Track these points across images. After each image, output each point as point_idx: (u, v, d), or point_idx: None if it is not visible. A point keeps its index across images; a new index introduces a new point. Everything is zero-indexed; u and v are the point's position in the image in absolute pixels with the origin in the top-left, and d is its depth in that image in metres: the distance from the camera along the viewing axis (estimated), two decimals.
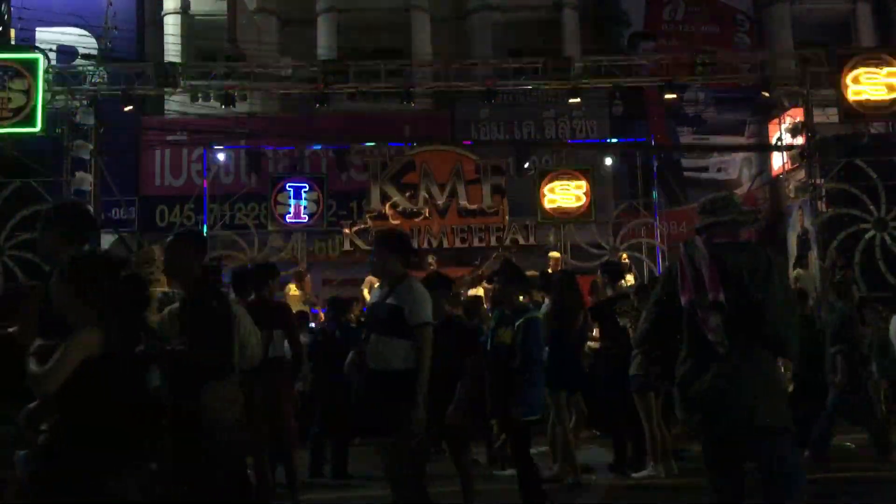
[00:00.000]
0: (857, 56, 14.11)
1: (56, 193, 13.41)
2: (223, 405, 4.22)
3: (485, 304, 10.02)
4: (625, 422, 8.14)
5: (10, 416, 3.65)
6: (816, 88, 14.47)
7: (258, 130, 17.32)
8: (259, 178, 16.26)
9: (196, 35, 19.37)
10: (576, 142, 19.06)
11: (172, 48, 18.99)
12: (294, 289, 12.85)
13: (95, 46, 18.16)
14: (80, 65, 15.81)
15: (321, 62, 14.95)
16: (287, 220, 15.23)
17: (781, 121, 15.69)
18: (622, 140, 17.99)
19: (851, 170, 13.86)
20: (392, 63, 14.86)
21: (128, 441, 3.41)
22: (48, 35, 17.61)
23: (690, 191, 18.96)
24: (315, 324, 11.15)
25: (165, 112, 18.39)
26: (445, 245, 15.16)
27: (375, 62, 14.82)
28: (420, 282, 5.30)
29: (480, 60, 15.69)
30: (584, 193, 15.30)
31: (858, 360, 8.66)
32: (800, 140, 14.67)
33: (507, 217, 15.39)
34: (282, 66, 15.26)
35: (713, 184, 19.50)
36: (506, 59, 15.97)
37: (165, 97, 16.27)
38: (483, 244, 15.25)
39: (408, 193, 15.44)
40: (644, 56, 16.02)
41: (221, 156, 15.92)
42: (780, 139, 15.77)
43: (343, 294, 11.52)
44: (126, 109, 14.09)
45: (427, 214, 15.34)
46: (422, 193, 15.38)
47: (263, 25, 18.78)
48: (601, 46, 18.81)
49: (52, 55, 14.68)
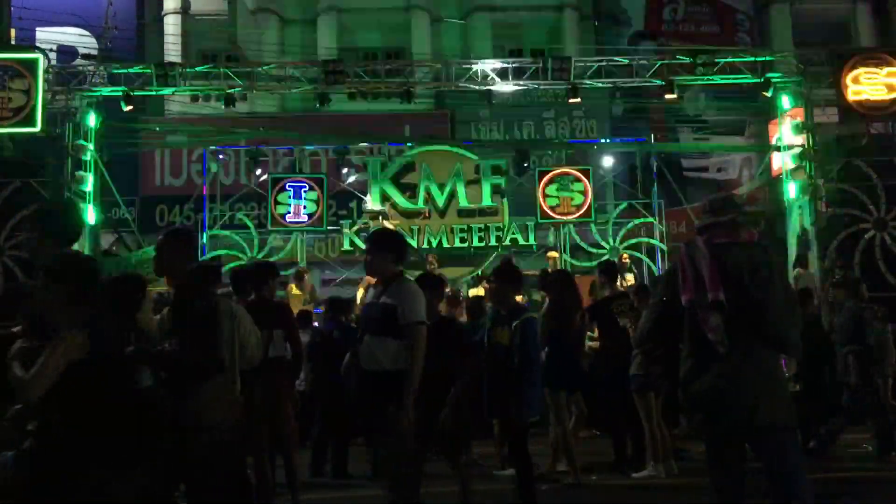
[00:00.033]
0: (857, 56, 14.09)
1: (56, 193, 13.40)
2: (211, 405, 4.21)
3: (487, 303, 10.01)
4: (625, 422, 8.14)
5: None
6: (816, 88, 14.47)
7: (258, 130, 17.33)
8: (259, 178, 16.26)
9: (196, 35, 19.39)
10: (576, 142, 19.07)
11: (172, 48, 19.02)
12: (295, 289, 12.85)
13: (95, 46, 18.20)
14: (80, 65, 15.82)
15: (321, 62, 14.93)
16: (287, 220, 15.22)
17: (781, 121, 15.68)
18: (622, 140, 18.00)
19: (851, 170, 13.85)
20: (392, 63, 14.87)
21: (116, 442, 3.41)
22: (48, 35, 17.64)
23: (690, 191, 18.95)
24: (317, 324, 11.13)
25: (165, 112, 18.40)
26: (445, 245, 15.13)
27: (375, 62, 14.83)
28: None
29: (480, 60, 15.67)
30: (584, 193, 15.30)
31: (869, 360, 8.66)
32: (800, 140, 14.66)
33: (507, 217, 15.38)
34: (282, 66, 15.26)
35: (713, 184, 19.52)
36: (506, 59, 15.96)
37: (165, 98, 16.28)
38: (483, 244, 15.23)
39: (408, 193, 15.43)
40: (644, 56, 15.98)
41: (221, 156, 15.90)
42: (780, 139, 15.76)
43: (343, 294, 11.53)
44: (126, 109, 14.09)
45: (427, 214, 15.33)
46: (422, 193, 15.37)
47: (263, 25, 18.80)
48: (601, 46, 18.82)
49: (52, 55, 14.69)
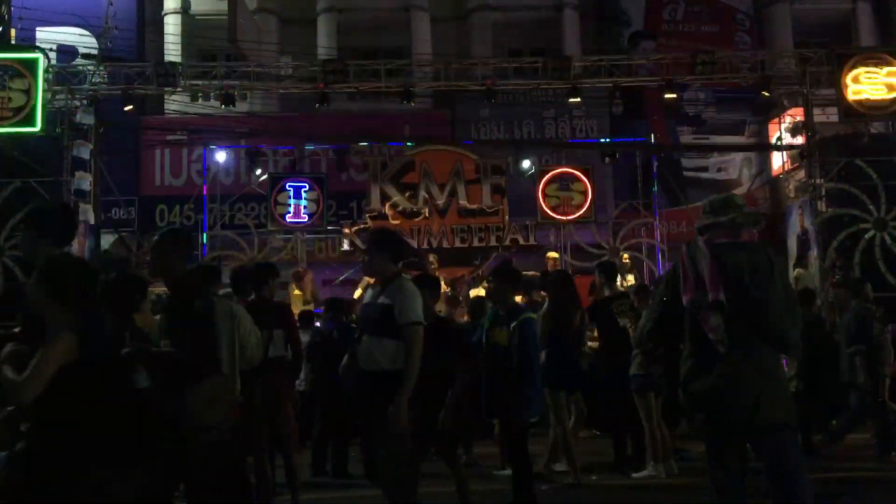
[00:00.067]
0: (857, 56, 14.08)
1: (56, 193, 13.41)
2: (209, 406, 4.21)
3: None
4: (625, 422, 8.14)
5: None
6: (816, 88, 14.47)
7: (258, 130, 17.33)
8: (259, 178, 16.26)
9: (196, 35, 19.38)
10: (576, 142, 19.06)
11: (172, 48, 19.01)
12: (295, 289, 12.86)
13: (95, 46, 18.18)
14: (80, 65, 15.80)
15: (321, 62, 14.92)
16: (287, 220, 15.22)
17: (781, 121, 15.68)
18: (622, 140, 17.99)
19: (851, 170, 13.85)
20: (392, 63, 14.85)
21: (113, 443, 3.41)
22: (48, 35, 17.62)
23: (690, 191, 18.96)
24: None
25: (165, 112, 18.40)
26: (445, 245, 15.10)
27: (375, 62, 14.82)
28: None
29: (480, 60, 15.66)
30: (584, 193, 15.30)
31: (875, 360, 8.67)
32: (800, 140, 14.66)
33: (507, 217, 15.37)
34: (282, 66, 15.25)
35: (713, 184, 19.51)
36: (506, 59, 15.98)
37: (165, 97, 16.27)
38: (483, 244, 15.19)
39: (408, 193, 15.42)
40: (644, 56, 15.99)
41: (221, 156, 15.89)
42: (780, 139, 15.76)
43: (344, 295, 11.53)
44: (126, 109, 14.08)
45: (427, 214, 15.32)
46: (422, 193, 15.35)
47: (263, 25, 18.79)
48: (601, 46, 18.82)
49: (52, 55, 14.67)
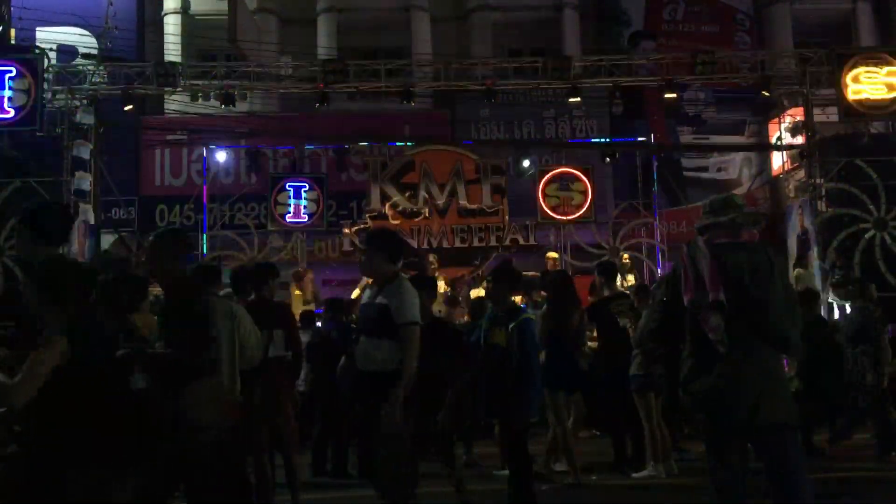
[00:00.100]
0: (857, 56, 14.08)
1: (56, 193, 13.40)
2: (205, 406, 4.21)
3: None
4: (625, 422, 8.13)
5: None
6: (816, 88, 14.47)
7: (258, 130, 17.32)
8: (259, 178, 16.26)
9: (196, 35, 19.38)
10: (576, 142, 19.06)
11: (172, 48, 19.00)
12: (295, 289, 12.85)
13: (95, 46, 18.16)
14: (80, 65, 15.80)
15: (321, 62, 14.92)
16: (287, 220, 15.22)
17: (781, 120, 15.69)
18: (622, 140, 17.98)
19: (851, 170, 13.85)
20: (392, 63, 14.85)
21: (107, 445, 3.41)
22: (48, 35, 17.61)
23: (690, 191, 18.96)
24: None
25: (165, 112, 18.40)
26: (445, 245, 15.10)
27: (375, 62, 14.82)
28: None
29: (480, 60, 15.66)
30: (584, 193, 15.30)
31: (875, 359, 8.69)
32: (800, 140, 14.66)
33: (507, 217, 15.37)
34: (282, 66, 15.25)
35: (713, 184, 19.50)
36: (506, 59, 15.98)
37: (165, 97, 16.27)
38: (483, 244, 15.20)
39: (408, 193, 15.42)
40: (644, 56, 15.99)
41: (221, 156, 15.89)
42: (780, 139, 15.76)
43: (344, 294, 11.51)
44: (126, 109, 14.08)
45: (427, 214, 15.32)
46: (422, 193, 15.35)
47: (263, 25, 18.78)
48: (601, 46, 18.82)
49: (52, 55, 14.67)
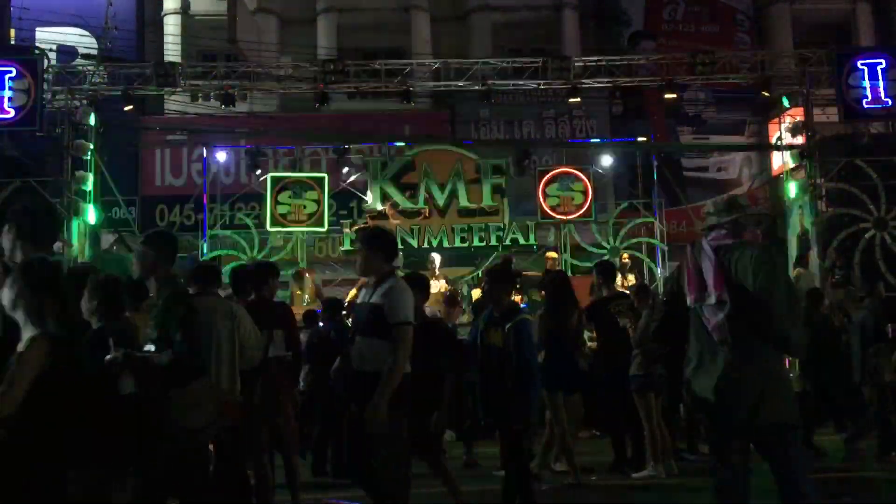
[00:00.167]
0: (857, 56, 14.10)
1: (56, 193, 13.41)
2: (194, 409, 4.21)
3: None
4: (625, 422, 8.13)
5: None
6: (816, 88, 14.47)
7: (258, 130, 17.32)
8: (259, 178, 16.24)
9: (196, 35, 19.38)
10: (576, 141, 19.06)
11: (172, 48, 19.00)
12: (295, 289, 12.85)
13: (95, 46, 18.18)
14: (80, 65, 15.82)
15: (321, 62, 14.92)
16: (287, 220, 15.21)
17: (781, 120, 15.68)
18: (622, 140, 17.98)
19: (851, 170, 13.85)
20: (392, 63, 14.86)
21: (96, 448, 3.40)
22: (48, 35, 17.62)
23: (690, 191, 18.95)
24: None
25: (165, 112, 18.41)
26: (445, 245, 15.12)
27: (375, 62, 14.82)
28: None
29: (480, 60, 15.67)
30: (584, 193, 15.30)
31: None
32: (800, 140, 14.66)
33: (507, 217, 15.37)
34: (282, 66, 15.26)
35: (713, 184, 19.51)
36: (506, 59, 15.97)
37: (165, 97, 16.27)
38: (483, 244, 15.21)
39: (408, 193, 15.42)
40: (644, 56, 15.98)
41: (221, 156, 15.89)
42: (780, 139, 15.76)
43: (345, 294, 11.51)
44: (126, 109, 14.09)
45: (427, 214, 15.32)
46: (422, 193, 15.35)
47: (263, 25, 18.80)
48: (601, 46, 18.82)
49: (52, 55, 14.68)
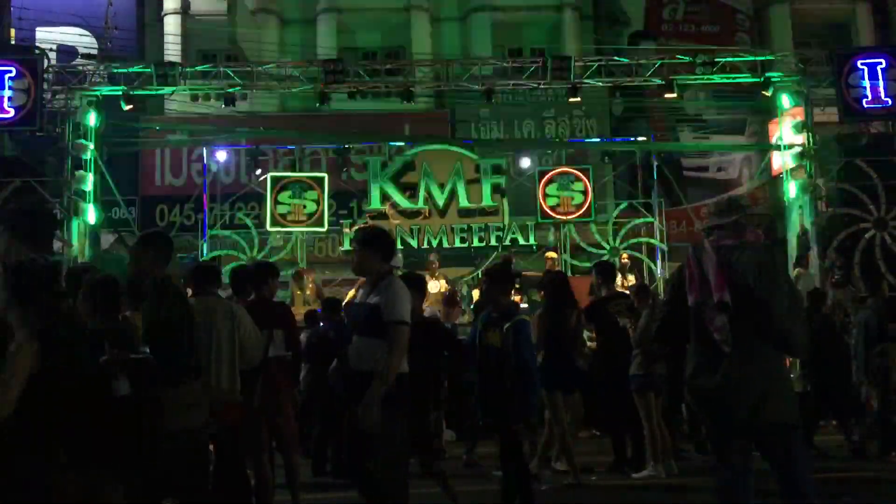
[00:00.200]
0: (857, 56, 14.10)
1: (56, 193, 13.41)
2: (182, 411, 4.21)
3: None
4: (625, 422, 8.13)
5: None
6: (816, 88, 14.47)
7: (258, 130, 17.32)
8: (259, 178, 16.25)
9: (196, 35, 19.38)
10: (576, 141, 19.07)
11: (172, 48, 19.00)
12: (295, 289, 12.85)
13: (95, 46, 18.19)
14: (80, 65, 15.82)
15: (321, 62, 14.92)
16: (287, 220, 15.20)
17: (781, 121, 15.68)
18: (622, 140, 17.98)
19: (851, 170, 13.85)
20: (392, 63, 14.87)
21: (88, 448, 3.40)
22: (48, 35, 17.64)
23: (690, 191, 18.95)
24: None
25: (165, 112, 18.41)
26: (445, 245, 15.12)
27: (375, 62, 14.84)
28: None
29: (480, 60, 15.67)
30: (584, 193, 15.30)
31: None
32: (800, 140, 14.66)
33: (507, 217, 15.37)
34: (282, 66, 15.25)
35: (713, 184, 19.51)
36: (506, 59, 15.97)
37: (165, 97, 16.27)
38: (483, 244, 15.20)
39: (408, 193, 15.42)
40: (644, 56, 15.97)
41: (221, 156, 15.88)
42: (780, 139, 15.75)
43: (344, 295, 11.48)
44: (126, 109, 14.09)
45: (427, 214, 15.32)
46: (422, 193, 15.35)
47: (263, 25, 18.80)
48: (601, 46, 18.82)
49: (52, 55, 14.68)
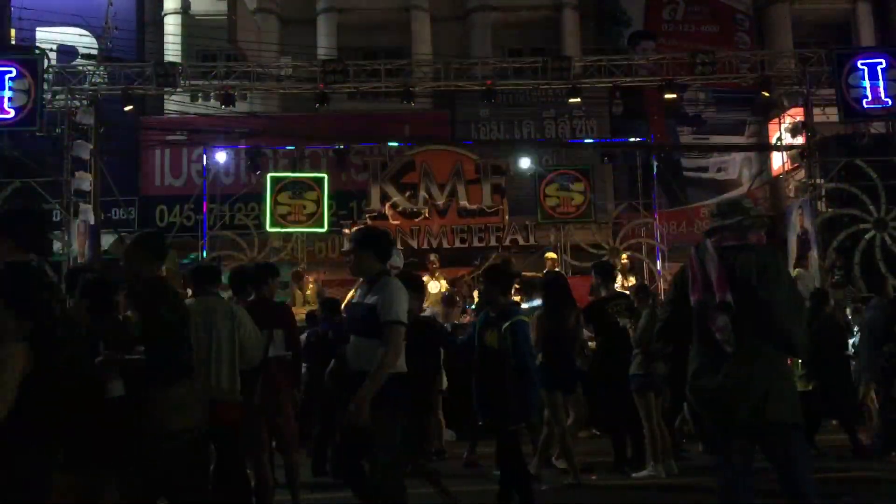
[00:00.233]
0: (857, 56, 14.11)
1: (56, 193, 13.42)
2: (174, 412, 4.21)
3: None
4: (625, 422, 8.13)
5: None
6: (816, 88, 14.48)
7: (258, 130, 17.33)
8: (259, 178, 16.26)
9: (196, 35, 19.38)
10: (576, 142, 19.07)
11: (172, 48, 19.01)
12: (296, 289, 12.85)
13: (95, 46, 18.18)
14: (80, 65, 15.82)
15: (321, 62, 14.93)
16: (287, 220, 15.22)
17: (781, 121, 15.69)
18: (622, 140, 17.99)
19: (851, 170, 13.87)
20: (392, 63, 14.86)
21: (85, 448, 3.37)
22: (48, 35, 17.63)
23: (690, 191, 18.97)
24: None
25: (165, 112, 18.41)
26: (445, 245, 15.10)
27: (375, 62, 14.83)
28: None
29: (480, 60, 15.68)
30: (584, 193, 15.31)
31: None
32: (800, 140, 14.67)
33: (507, 217, 15.37)
34: (282, 66, 15.26)
35: (713, 184, 19.52)
36: (506, 59, 15.98)
37: (165, 97, 16.27)
38: (483, 244, 15.19)
39: (408, 193, 15.42)
40: (644, 56, 15.99)
41: (221, 156, 15.89)
42: (780, 139, 15.77)
43: (345, 295, 11.48)
44: (126, 109, 14.09)
45: (427, 214, 15.33)
46: (422, 193, 15.35)
47: (263, 25, 18.79)
48: (601, 46, 18.83)
49: (52, 55, 14.68)
